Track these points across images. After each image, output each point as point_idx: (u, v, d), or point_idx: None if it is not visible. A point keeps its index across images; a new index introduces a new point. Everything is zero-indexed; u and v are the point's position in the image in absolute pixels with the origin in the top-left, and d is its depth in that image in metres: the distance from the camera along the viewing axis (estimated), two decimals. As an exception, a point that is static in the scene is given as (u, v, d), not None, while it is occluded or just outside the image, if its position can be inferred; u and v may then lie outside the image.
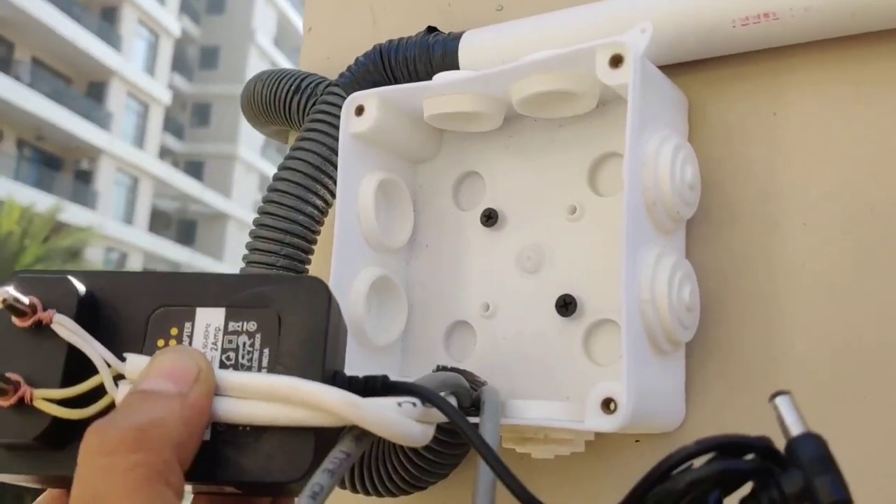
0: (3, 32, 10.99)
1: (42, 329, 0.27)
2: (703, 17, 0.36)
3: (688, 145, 0.36)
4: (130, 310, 0.28)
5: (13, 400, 0.26)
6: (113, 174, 12.72)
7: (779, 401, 0.22)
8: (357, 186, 0.40)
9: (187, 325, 0.27)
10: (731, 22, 0.35)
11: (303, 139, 0.43)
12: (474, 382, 0.36)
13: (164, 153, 14.80)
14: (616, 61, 0.34)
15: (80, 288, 0.27)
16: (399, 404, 0.26)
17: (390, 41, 0.45)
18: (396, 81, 0.44)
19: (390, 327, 0.42)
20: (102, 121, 12.40)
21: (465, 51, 0.42)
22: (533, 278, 0.40)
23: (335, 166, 0.42)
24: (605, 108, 0.39)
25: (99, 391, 0.26)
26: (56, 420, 0.26)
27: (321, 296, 0.27)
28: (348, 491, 0.41)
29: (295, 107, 0.47)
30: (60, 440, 0.26)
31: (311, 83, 0.47)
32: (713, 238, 0.38)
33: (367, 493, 0.40)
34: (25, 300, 0.26)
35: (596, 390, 0.32)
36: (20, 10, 10.50)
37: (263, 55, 15.56)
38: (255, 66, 13.99)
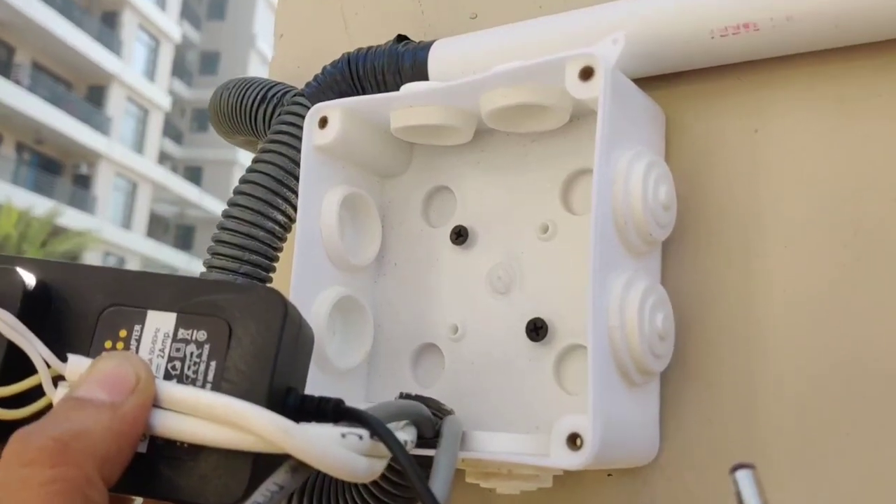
0: (4, 36, 11.00)
1: None
2: (680, 28, 0.34)
3: (662, 163, 0.34)
4: (82, 305, 0.27)
5: None
6: (112, 179, 12.73)
7: (739, 475, 0.20)
8: (320, 201, 0.38)
9: (137, 327, 0.26)
10: (709, 33, 0.33)
11: (265, 151, 0.41)
12: (439, 411, 0.34)
13: (164, 158, 14.82)
14: (586, 74, 0.32)
15: (28, 280, 0.26)
16: (343, 435, 0.25)
17: (359, 50, 0.43)
18: (365, 92, 0.42)
19: (355, 350, 0.40)
20: (102, 125, 12.40)
21: (434, 61, 0.40)
22: (503, 299, 0.38)
23: (298, 180, 0.40)
24: (579, 123, 0.37)
25: (38, 391, 0.25)
26: None
27: (275, 309, 0.26)
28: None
29: (261, 117, 0.45)
30: None
31: (277, 92, 0.45)
32: (690, 261, 0.36)
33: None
34: None
35: (561, 424, 0.30)
36: (21, 13, 10.52)
37: (264, 61, 15.56)
38: (255, 72, 13.95)
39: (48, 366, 0.25)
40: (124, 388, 0.24)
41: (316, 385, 0.36)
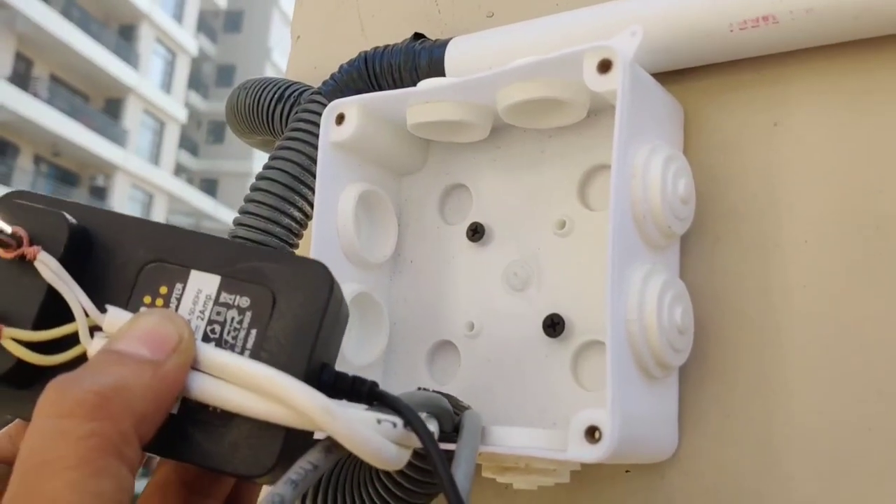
0: (23, 49, 11.11)
1: (24, 264, 0.25)
2: (699, 21, 0.34)
3: (681, 157, 0.34)
4: (124, 257, 0.26)
5: None
6: (128, 190, 12.81)
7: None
8: (336, 198, 0.38)
9: (178, 286, 0.26)
10: (728, 26, 0.33)
11: (282, 148, 0.41)
12: (457, 407, 0.34)
13: (179, 170, 14.90)
14: (604, 67, 0.32)
15: (74, 226, 0.26)
16: (379, 421, 0.24)
17: (375, 48, 0.43)
18: (381, 90, 0.42)
19: (370, 347, 0.39)
20: (118, 137, 12.49)
21: (451, 58, 0.40)
22: (520, 296, 0.38)
23: (315, 176, 0.40)
24: (596, 118, 0.37)
25: (72, 339, 0.25)
26: (21, 362, 0.25)
27: (322, 284, 0.25)
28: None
29: (278, 116, 0.46)
30: (23, 382, 0.25)
31: (294, 91, 0.45)
32: (708, 256, 0.35)
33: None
34: (9, 230, 0.25)
35: (579, 417, 0.30)
36: (39, 27, 10.63)
37: (279, 74, 15.64)
38: (270, 85, 14.04)
39: (86, 315, 0.25)
40: (166, 346, 0.23)
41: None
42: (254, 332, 0.25)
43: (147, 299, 0.26)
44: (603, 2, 0.37)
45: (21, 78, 11.02)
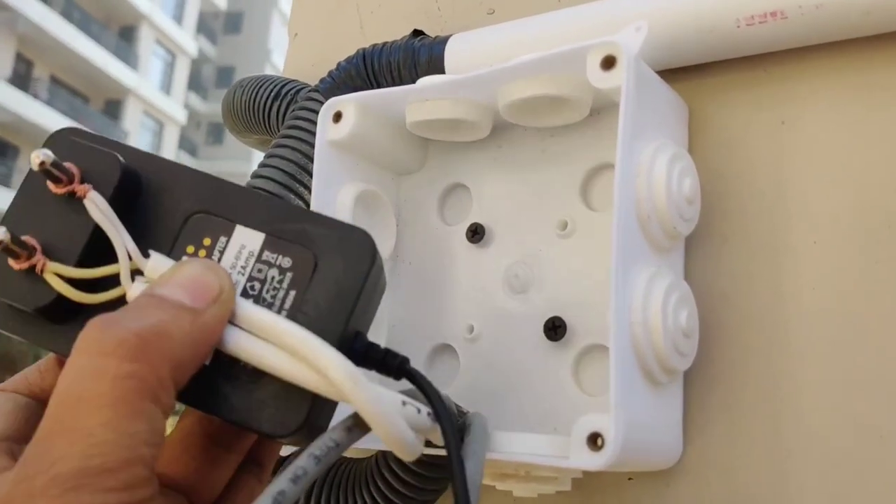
0: (23, 50, 11.12)
1: (74, 201, 0.25)
2: (705, 17, 0.33)
3: (686, 155, 0.33)
4: (171, 205, 0.26)
5: (24, 265, 0.25)
6: (127, 192, 12.78)
7: None
8: (334, 197, 0.38)
9: (222, 239, 0.26)
10: (735, 22, 0.32)
11: (278, 146, 0.41)
12: (458, 412, 0.33)
13: (179, 171, 14.86)
14: (608, 63, 0.31)
15: (126, 168, 0.26)
16: (403, 403, 0.24)
17: (374, 45, 0.42)
18: (380, 87, 0.42)
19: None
20: (118, 138, 12.46)
21: (451, 55, 0.40)
22: (520, 299, 0.37)
23: (311, 175, 0.39)
24: (599, 117, 0.36)
25: (113, 280, 0.25)
26: (61, 297, 0.25)
27: (366, 252, 0.25)
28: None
29: (275, 114, 0.45)
30: (61, 317, 0.25)
31: (291, 89, 0.44)
32: (714, 257, 0.35)
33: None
34: (64, 167, 0.25)
35: (581, 424, 0.29)
36: (40, 28, 10.63)
37: (279, 73, 15.66)
38: (270, 86, 14.05)
39: (129, 258, 0.25)
40: (207, 296, 0.23)
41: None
42: (293, 293, 0.25)
43: (190, 249, 0.26)
44: (606, -2, 0.36)
45: (21, 79, 11.03)
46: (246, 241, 0.26)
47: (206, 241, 0.26)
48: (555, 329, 0.35)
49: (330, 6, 0.50)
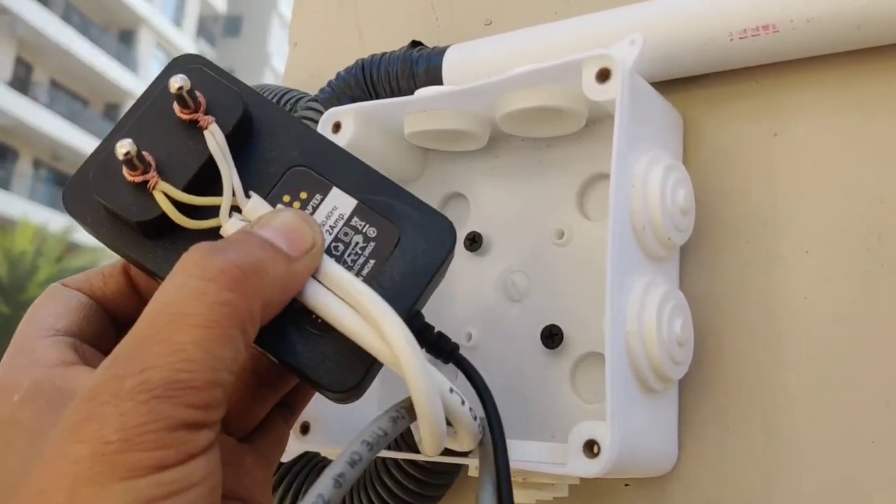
0: (23, 54, 11.12)
1: (194, 128, 0.26)
2: (699, 30, 0.33)
3: (681, 166, 0.34)
4: (277, 153, 0.28)
5: (138, 179, 0.26)
6: (127, 195, 12.78)
7: None
8: (333, 207, 0.38)
9: (318, 196, 0.27)
10: (728, 35, 0.33)
11: (278, 157, 0.41)
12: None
13: (179, 175, 14.85)
14: (603, 76, 0.32)
15: (246, 109, 0.27)
16: (451, 390, 0.25)
17: (373, 56, 0.43)
18: (378, 97, 0.42)
19: (367, 357, 0.39)
20: (118, 142, 12.46)
21: (449, 66, 0.40)
22: (518, 307, 0.37)
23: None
24: (595, 127, 0.36)
25: (210, 211, 0.26)
26: (163, 216, 0.26)
27: (446, 238, 0.27)
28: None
29: (275, 124, 0.45)
30: (154, 234, 0.26)
31: (290, 99, 0.45)
32: (709, 267, 0.35)
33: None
34: (196, 95, 0.26)
35: (578, 431, 0.29)
36: (39, 31, 10.64)
37: (278, 79, 15.60)
38: (269, 90, 14.04)
39: (233, 195, 0.26)
40: (301, 246, 0.25)
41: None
42: (372, 262, 0.27)
43: (286, 198, 0.27)
44: (602, 10, 0.37)
45: (21, 82, 11.03)
46: (339, 203, 0.27)
47: (303, 195, 0.27)
48: (552, 337, 0.35)
49: (330, 16, 0.51)
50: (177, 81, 0.26)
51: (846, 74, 0.33)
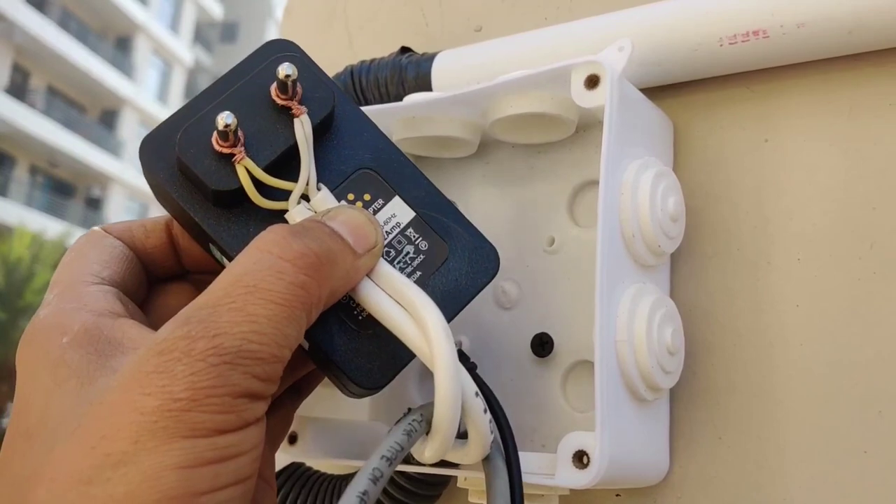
0: (20, 60, 11.12)
1: (286, 114, 0.27)
2: (688, 36, 0.33)
3: (671, 173, 0.33)
4: (350, 152, 0.29)
5: (226, 150, 0.27)
6: (123, 202, 12.80)
7: None
8: (322, 215, 0.38)
9: (380, 201, 0.29)
10: (717, 41, 0.33)
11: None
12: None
13: (176, 181, 14.83)
14: (592, 82, 0.31)
15: (334, 106, 0.28)
16: (476, 394, 0.26)
17: (362, 62, 0.42)
18: (368, 103, 0.42)
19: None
20: (114, 149, 12.49)
21: (438, 72, 0.40)
22: (508, 314, 0.37)
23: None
24: (585, 134, 0.36)
25: (280, 193, 0.27)
26: (239, 189, 0.27)
27: (491, 266, 0.29)
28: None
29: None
30: (225, 204, 0.27)
31: (280, 106, 0.45)
32: (699, 274, 0.35)
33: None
34: (297, 84, 0.27)
35: (567, 441, 0.29)
36: (36, 38, 10.64)
37: (275, 85, 15.64)
38: (266, 96, 14.05)
39: (307, 184, 0.27)
40: (365, 244, 0.26)
41: (318, 399, 0.35)
42: (418, 273, 0.28)
43: (351, 196, 0.28)
44: (591, 16, 0.36)
45: (18, 89, 11.02)
46: (398, 212, 0.29)
47: (366, 197, 0.29)
48: (542, 345, 0.35)
49: (319, 22, 0.50)
50: (285, 69, 0.27)
51: (837, 80, 0.33)
